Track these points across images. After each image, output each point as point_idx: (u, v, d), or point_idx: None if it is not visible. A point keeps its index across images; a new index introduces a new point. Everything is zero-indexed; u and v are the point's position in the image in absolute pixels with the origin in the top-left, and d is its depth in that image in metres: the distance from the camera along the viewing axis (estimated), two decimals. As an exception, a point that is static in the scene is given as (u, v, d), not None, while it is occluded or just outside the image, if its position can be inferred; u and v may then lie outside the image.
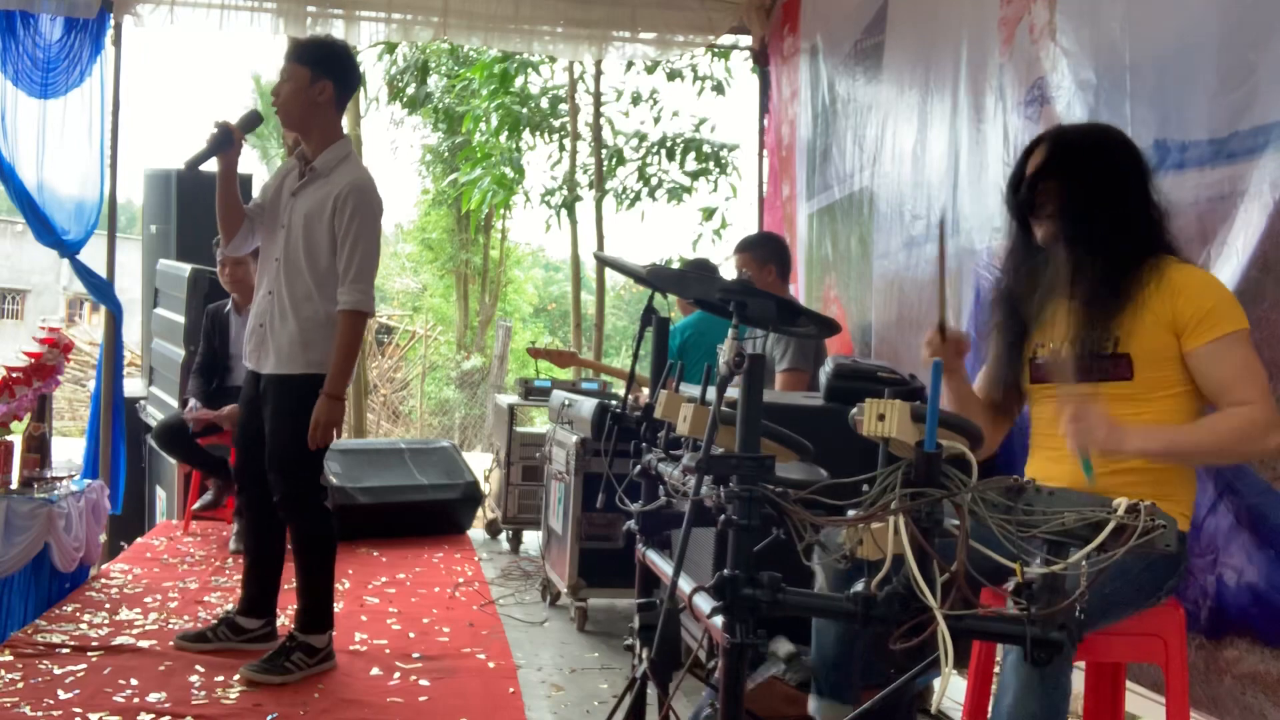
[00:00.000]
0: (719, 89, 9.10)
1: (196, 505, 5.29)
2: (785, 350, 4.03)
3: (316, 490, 3.34)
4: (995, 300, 2.35)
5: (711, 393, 1.73)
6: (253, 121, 3.35)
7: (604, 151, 9.48)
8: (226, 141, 3.22)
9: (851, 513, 1.49)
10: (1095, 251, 2.11)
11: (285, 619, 3.65)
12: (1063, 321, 2.16)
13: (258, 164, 22.39)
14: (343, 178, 3.23)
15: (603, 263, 8.14)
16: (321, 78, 3.24)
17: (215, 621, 3.53)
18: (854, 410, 1.59)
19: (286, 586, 3.65)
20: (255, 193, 3.52)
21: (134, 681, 3.11)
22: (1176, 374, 2.06)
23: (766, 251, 4.28)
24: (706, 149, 9.17)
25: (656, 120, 9.38)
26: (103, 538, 4.42)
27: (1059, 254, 2.18)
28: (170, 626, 3.70)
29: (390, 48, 10.21)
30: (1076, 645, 1.48)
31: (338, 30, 5.31)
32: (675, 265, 7.52)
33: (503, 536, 5.76)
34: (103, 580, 4.31)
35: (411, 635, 3.80)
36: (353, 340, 3.20)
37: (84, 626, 3.65)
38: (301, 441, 3.20)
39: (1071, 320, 2.13)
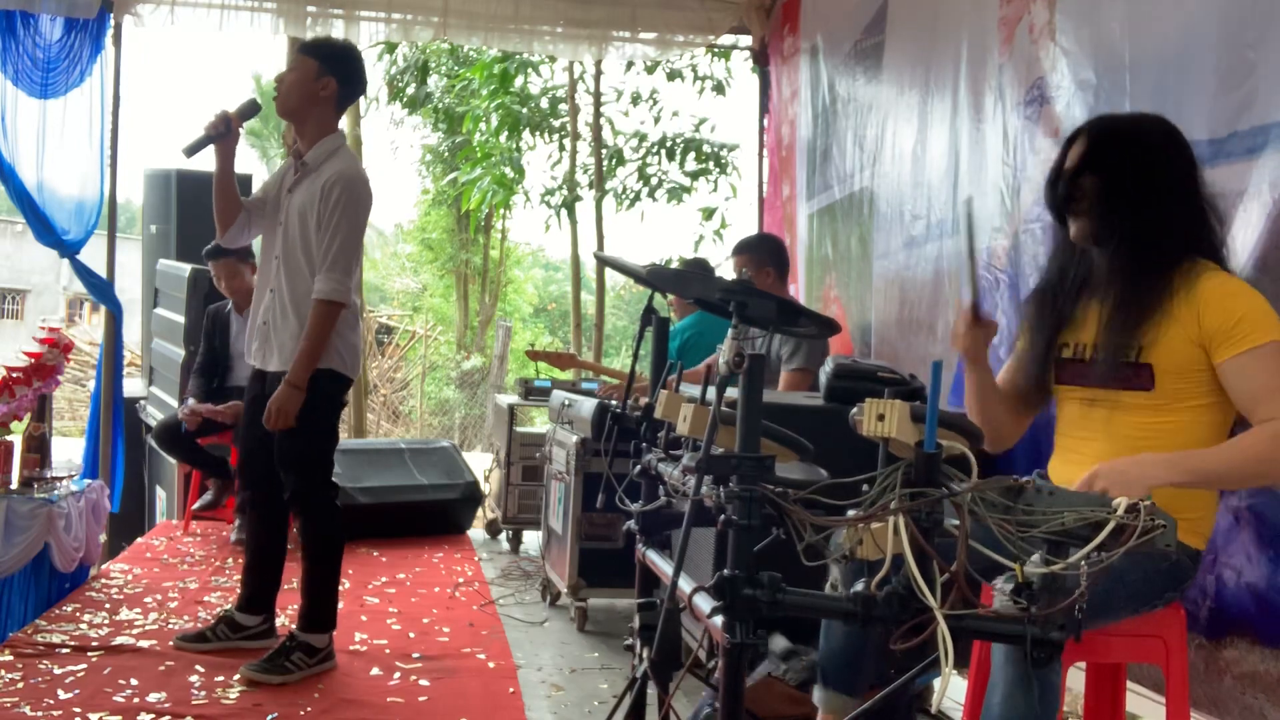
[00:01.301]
0: (719, 89, 9.10)
1: (196, 505, 5.29)
2: (795, 349, 4.01)
3: (327, 488, 3.34)
4: (1032, 295, 2.30)
5: (711, 393, 1.73)
6: (250, 110, 3.35)
7: (604, 151, 9.48)
8: (224, 130, 3.23)
9: (851, 513, 1.49)
10: (1128, 255, 2.05)
11: (285, 619, 3.65)
12: (1091, 323, 2.12)
13: (257, 163, 22.42)
14: (330, 169, 3.23)
15: (603, 263, 8.14)
16: (327, 74, 3.25)
17: (214, 620, 3.53)
18: (854, 410, 1.59)
19: (288, 586, 3.65)
20: (255, 191, 3.53)
21: (134, 681, 3.11)
22: (1202, 386, 2.00)
23: (763, 253, 4.27)
24: (706, 149, 9.16)
25: (656, 120, 9.38)
26: (103, 538, 4.42)
27: (1092, 254, 2.14)
28: (170, 626, 3.70)
29: (390, 48, 10.21)
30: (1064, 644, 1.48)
31: (338, 30, 5.31)
32: (674, 265, 7.52)
33: (503, 536, 5.76)
34: (103, 580, 4.31)
35: (411, 635, 3.80)
36: (322, 329, 3.17)
37: (84, 626, 3.65)
38: (311, 439, 3.21)
39: (1098, 324, 2.09)
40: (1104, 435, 2.09)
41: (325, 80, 3.25)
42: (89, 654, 3.36)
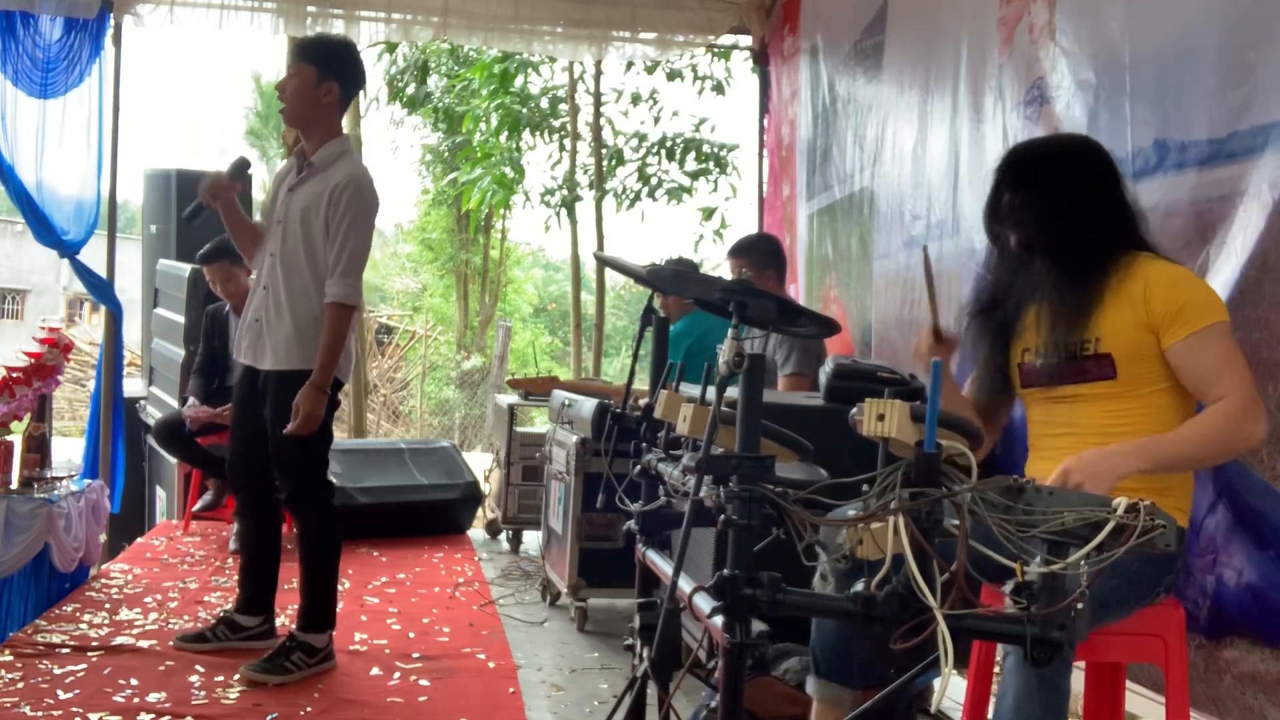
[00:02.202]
0: (719, 89, 9.10)
1: (196, 505, 5.29)
2: (789, 354, 4.03)
3: (323, 487, 3.34)
4: (976, 311, 2.36)
5: (711, 393, 1.73)
6: (241, 169, 3.40)
7: (604, 151, 9.48)
8: (219, 194, 3.28)
9: (851, 512, 1.49)
10: (1063, 254, 2.14)
11: (285, 619, 3.65)
12: (1042, 325, 2.18)
13: (257, 163, 22.43)
14: (339, 172, 3.24)
15: (603, 263, 8.14)
16: (329, 78, 3.25)
17: (214, 621, 3.53)
18: (854, 410, 1.59)
19: (287, 586, 3.65)
20: (255, 190, 3.55)
21: (134, 681, 3.11)
22: (1160, 369, 2.07)
23: (765, 255, 4.27)
24: (706, 149, 9.16)
25: (656, 120, 9.38)
26: (103, 538, 4.42)
27: (1031, 261, 2.21)
28: (170, 626, 3.70)
29: (390, 48, 10.21)
30: (1075, 646, 1.48)
31: (337, 30, 5.30)
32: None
33: (503, 536, 5.76)
34: (103, 580, 4.31)
35: (411, 635, 3.80)
36: (339, 332, 3.19)
37: (84, 626, 3.65)
38: (308, 440, 3.20)
39: (1048, 324, 2.16)
40: (1072, 429, 2.15)
41: (327, 85, 3.25)
42: (89, 654, 3.36)
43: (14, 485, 3.77)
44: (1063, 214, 2.14)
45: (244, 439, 3.38)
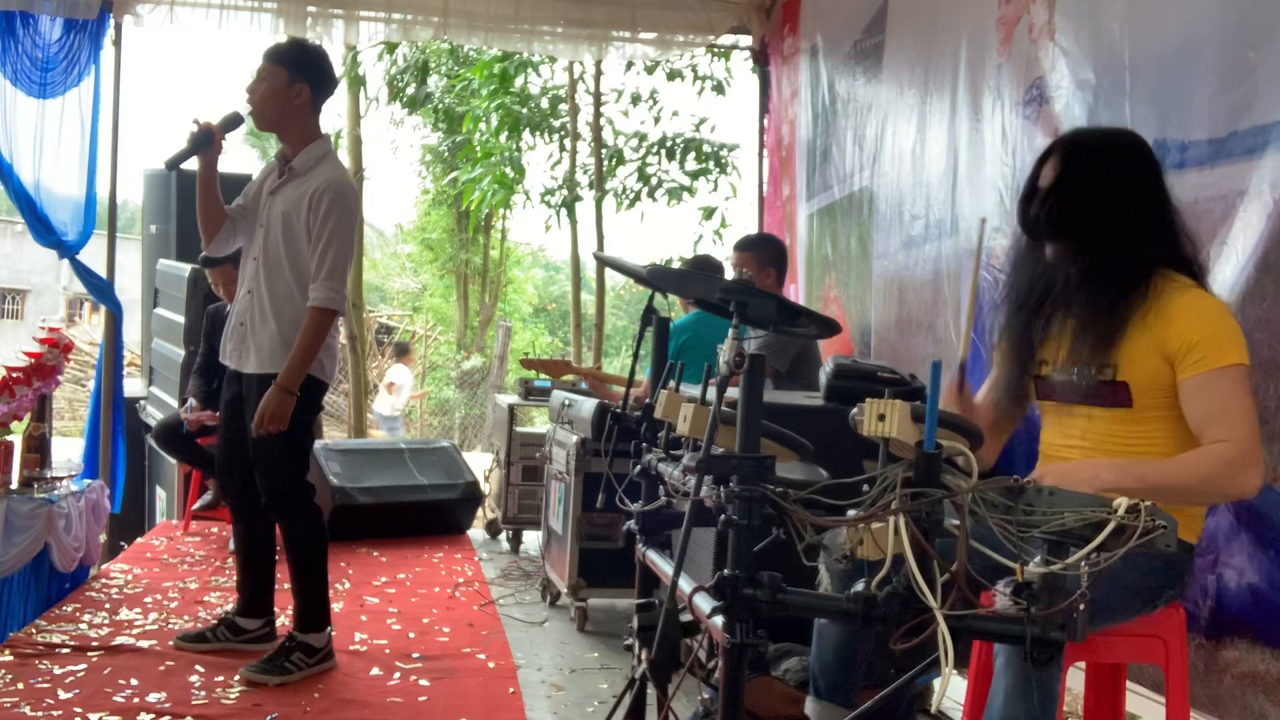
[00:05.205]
0: (719, 89, 9.09)
1: (196, 505, 5.29)
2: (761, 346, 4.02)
3: (303, 489, 3.32)
4: (1003, 306, 2.30)
5: (711, 393, 1.73)
6: (233, 122, 3.34)
7: (604, 151, 9.47)
8: (206, 141, 3.21)
9: (852, 513, 1.49)
10: (1099, 274, 2.05)
11: (285, 619, 3.65)
12: (1065, 341, 2.13)
13: (257, 163, 22.40)
14: (319, 176, 3.22)
15: (603, 263, 8.14)
16: (299, 80, 3.23)
17: (215, 622, 3.53)
18: (854, 410, 1.59)
19: (285, 586, 3.65)
20: (237, 199, 3.51)
21: (134, 681, 3.11)
22: (1173, 397, 2.01)
23: (768, 254, 4.27)
24: (706, 149, 9.15)
25: (656, 120, 9.37)
26: (103, 538, 4.42)
27: (1063, 273, 2.13)
28: (170, 626, 3.70)
29: (390, 48, 10.20)
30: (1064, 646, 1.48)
31: (338, 30, 5.31)
32: (675, 265, 7.51)
33: (503, 536, 5.76)
34: (103, 580, 4.31)
35: (411, 635, 3.80)
36: (316, 337, 3.17)
37: (84, 626, 3.65)
38: (285, 441, 3.19)
39: (1074, 343, 2.10)
40: (1084, 442, 2.12)
41: (298, 87, 3.23)
42: (89, 654, 3.36)
43: (14, 485, 3.77)
44: (1105, 232, 2.05)
45: (230, 442, 3.38)
